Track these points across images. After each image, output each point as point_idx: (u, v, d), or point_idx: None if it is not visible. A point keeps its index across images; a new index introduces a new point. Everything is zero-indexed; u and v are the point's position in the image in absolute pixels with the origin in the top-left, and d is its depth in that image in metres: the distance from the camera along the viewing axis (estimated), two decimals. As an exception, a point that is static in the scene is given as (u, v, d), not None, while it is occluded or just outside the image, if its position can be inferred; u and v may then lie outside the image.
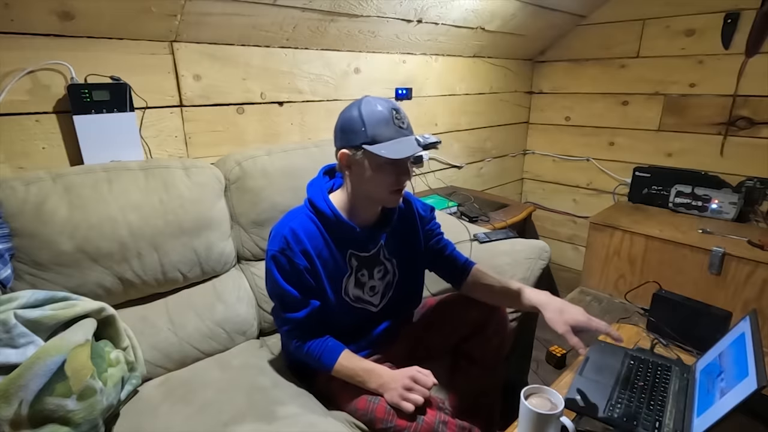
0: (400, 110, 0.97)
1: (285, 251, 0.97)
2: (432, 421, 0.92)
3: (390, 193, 0.99)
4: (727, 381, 0.81)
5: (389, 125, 0.93)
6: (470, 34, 2.13)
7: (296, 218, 1.01)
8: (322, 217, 1.01)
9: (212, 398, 1.04)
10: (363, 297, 1.11)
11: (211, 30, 1.39)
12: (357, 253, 1.07)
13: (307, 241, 0.99)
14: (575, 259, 2.81)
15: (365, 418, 0.97)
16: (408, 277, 1.17)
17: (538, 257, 1.40)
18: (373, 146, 0.92)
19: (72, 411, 0.81)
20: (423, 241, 1.17)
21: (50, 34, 1.15)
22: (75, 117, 1.19)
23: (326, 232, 1.02)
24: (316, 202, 1.02)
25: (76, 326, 0.92)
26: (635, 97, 2.44)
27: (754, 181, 2.08)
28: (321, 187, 1.05)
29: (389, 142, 0.92)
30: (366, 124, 0.93)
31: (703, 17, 2.13)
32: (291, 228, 0.98)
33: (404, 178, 0.98)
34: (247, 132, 1.59)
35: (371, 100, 0.96)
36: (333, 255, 1.03)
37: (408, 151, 0.91)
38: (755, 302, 1.78)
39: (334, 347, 1.02)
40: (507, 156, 2.85)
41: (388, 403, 0.94)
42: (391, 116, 0.94)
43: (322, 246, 1.01)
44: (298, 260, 0.97)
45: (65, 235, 1.04)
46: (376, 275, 1.11)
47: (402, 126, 0.95)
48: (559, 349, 1.68)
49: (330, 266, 1.03)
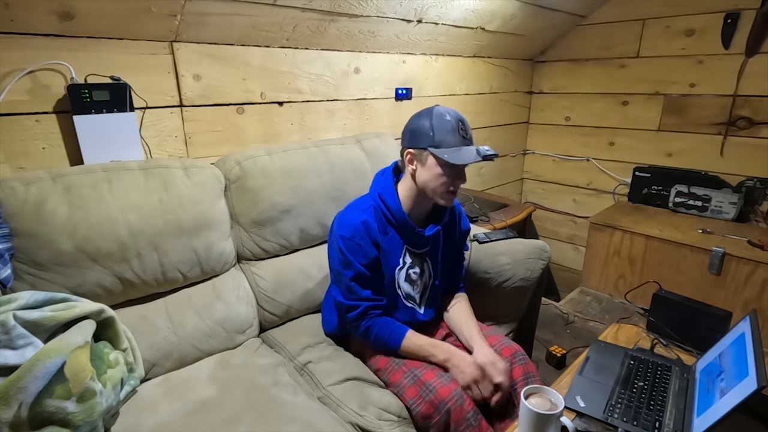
0: (466, 122, 1.10)
1: (355, 239, 1.09)
2: (459, 417, 0.98)
3: (445, 192, 1.10)
4: (727, 381, 0.81)
5: (455, 134, 1.06)
6: (470, 34, 2.13)
7: (365, 211, 1.13)
8: (390, 211, 1.13)
9: (211, 397, 1.04)
10: (412, 294, 1.21)
11: (211, 30, 1.39)
12: (411, 249, 1.18)
13: (376, 232, 1.12)
14: (575, 259, 2.81)
15: (394, 389, 1.08)
16: (439, 278, 1.25)
17: (538, 257, 1.40)
18: (437, 150, 1.05)
19: (72, 413, 0.81)
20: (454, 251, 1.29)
21: (50, 34, 1.15)
22: (75, 117, 1.19)
23: (389, 226, 1.14)
24: (386, 198, 1.14)
25: (76, 328, 0.92)
26: (635, 97, 2.44)
27: (754, 181, 2.08)
28: (390, 184, 1.16)
29: (453, 148, 1.05)
30: (435, 129, 1.06)
31: (703, 17, 2.13)
32: (363, 219, 1.11)
33: (459, 182, 1.11)
34: (247, 132, 1.59)
35: (442, 110, 1.08)
36: (392, 247, 1.15)
37: (468, 159, 1.05)
38: (755, 302, 1.78)
39: (399, 327, 1.13)
40: (507, 156, 2.85)
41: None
42: (457, 126, 1.07)
43: (385, 241, 1.14)
44: (369, 249, 1.10)
45: (65, 235, 1.04)
46: (418, 273, 1.21)
47: (465, 136, 1.08)
48: (559, 349, 1.68)
49: (388, 257, 1.15)
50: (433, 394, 1.01)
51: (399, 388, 1.08)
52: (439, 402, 1.00)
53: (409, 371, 1.08)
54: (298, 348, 1.26)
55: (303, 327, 1.37)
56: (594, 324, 1.92)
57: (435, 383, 1.03)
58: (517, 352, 1.14)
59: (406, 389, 1.06)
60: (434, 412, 1.00)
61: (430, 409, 1.01)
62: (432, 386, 1.03)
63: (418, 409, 1.02)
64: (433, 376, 1.05)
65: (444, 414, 0.99)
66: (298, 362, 1.21)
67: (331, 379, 1.13)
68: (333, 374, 1.14)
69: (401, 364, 1.11)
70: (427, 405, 1.01)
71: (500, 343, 1.17)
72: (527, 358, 1.15)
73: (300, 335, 1.32)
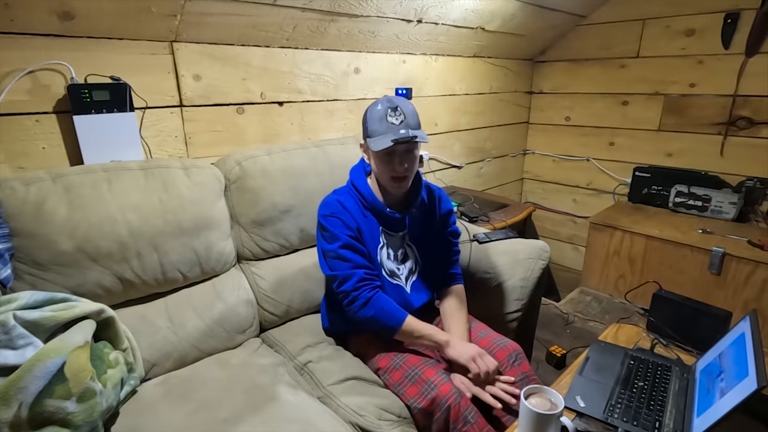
0: (399, 108, 1.10)
1: (336, 214, 1.15)
2: (457, 415, 0.99)
3: (390, 179, 1.14)
4: (727, 381, 0.81)
5: (382, 122, 1.09)
6: (470, 34, 2.13)
7: (342, 194, 1.20)
8: (362, 197, 1.19)
9: (211, 396, 1.04)
10: (396, 272, 1.24)
11: (211, 30, 1.39)
12: (387, 231, 1.23)
13: (355, 213, 1.17)
14: (575, 259, 2.81)
15: (395, 389, 1.09)
16: (427, 264, 1.28)
17: (538, 257, 1.40)
18: (370, 139, 1.11)
19: (72, 413, 0.81)
20: (438, 233, 1.30)
21: (50, 34, 1.15)
22: (75, 117, 1.19)
23: (364, 209, 1.20)
24: (357, 184, 1.20)
25: (76, 328, 0.91)
26: (635, 97, 2.44)
27: (754, 181, 2.08)
28: (360, 172, 1.22)
29: (380, 136, 1.09)
30: (368, 120, 1.13)
31: (703, 17, 2.13)
32: (339, 200, 1.17)
33: (399, 168, 1.11)
34: (247, 132, 1.59)
35: (379, 100, 1.13)
36: (370, 228, 1.20)
37: (385, 144, 1.07)
38: (755, 302, 1.78)
39: (400, 310, 1.13)
40: (507, 156, 2.85)
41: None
42: (385, 114, 1.09)
43: (362, 219, 1.19)
44: (350, 221, 1.15)
45: (65, 235, 1.04)
46: (400, 256, 1.24)
47: (394, 123, 1.09)
48: (559, 349, 1.68)
49: (367, 237, 1.19)
50: (435, 391, 1.02)
51: (400, 387, 1.08)
52: (440, 398, 1.01)
53: (410, 370, 1.09)
54: (299, 347, 1.26)
55: (303, 327, 1.37)
56: (594, 324, 1.92)
57: (436, 381, 1.04)
58: (512, 353, 1.14)
59: (407, 388, 1.06)
60: (435, 408, 1.01)
61: (432, 405, 1.01)
62: (433, 383, 1.03)
63: (420, 406, 1.03)
64: (433, 374, 1.06)
65: (444, 410, 1.00)
66: (299, 362, 1.22)
67: (331, 378, 1.13)
68: (333, 374, 1.14)
69: (402, 363, 1.11)
70: (429, 402, 1.02)
71: (497, 343, 1.17)
72: (524, 357, 1.15)
73: (300, 335, 1.32)
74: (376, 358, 1.16)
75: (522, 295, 1.36)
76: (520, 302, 1.36)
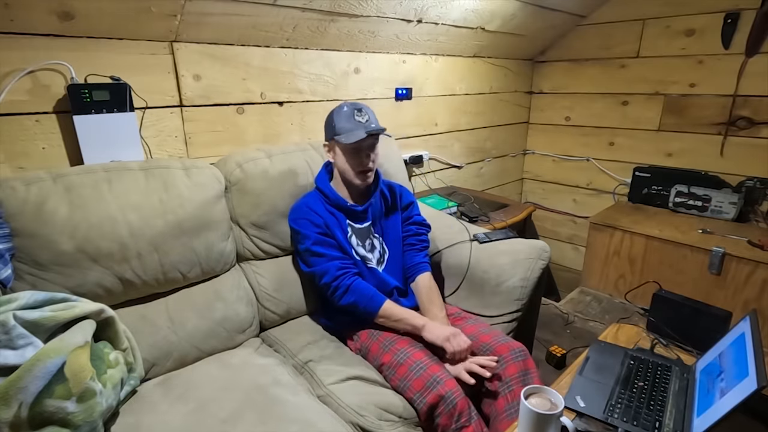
0: (364, 109, 1.27)
1: (303, 215, 1.27)
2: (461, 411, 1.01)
3: (356, 173, 1.27)
4: (727, 381, 0.81)
5: (350, 120, 1.24)
6: (470, 34, 2.13)
7: (308, 197, 1.33)
8: (326, 197, 1.31)
9: (211, 396, 1.04)
10: (368, 256, 1.33)
11: (211, 30, 1.39)
12: (352, 224, 1.33)
13: (320, 212, 1.28)
14: (575, 259, 2.81)
15: (399, 383, 1.10)
16: (394, 253, 1.39)
17: (538, 257, 1.40)
18: (338, 137, 1.24)
19: (72, 413, 0.81)
20: (401, 225, 1.42)
21: (50, 34, 1.15)
22: (75, 117, 1.19)
23: (330, 207, 1.31)
24: (321, 186, 1.33)
25: (76, 328, 0.91)
26: (635, 97, 2.44)
27: (754, 181, 2.08)
28: (324, 176, 1.36)
29: (348, 133, 1.23)
30: (335, 121, 1.26)
31: (703, 17, 2.13)
32: (305, 203, 1.30)
33: (366, 161, 1.26)
34: (247, 132, 1.59)
35: (343, 104, 1.27)
36: (337, 222, 1.30)
37: (359, 136, 1.21)
38: (755, 302, 1.78)
39: (379, 295, 1.23)
40: (507, 156, 2.85)
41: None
42: (352, 114, 1.24)
43: (329, 217, 1.29)
44: (317, 219, 1.26)
45: (65, 235, 1.04)
46: (368, 246, 1.34)
47: (361, 121, 1.24)
48: (559, 349, 1.68)
49: (336, 230, 1.29)
50: (441, 385, 1.03)
51: (405, 381, 1.09)
52: (445, 392, 1.02)
53: (414, 364, 1.09)
54: (299, 346, 1.26)
55: (304, 326, 1.38)
56: (594, 324, 1.92)
57: (441, 376, 1.05)
58: (514, 349, 1.14)
59: (413, 381, 1.07)
60: (440, 402, 1.02)
61: (437, 399, 1.02)
62: (439, 378, 1.05)
63: (425, 400, 1.03)
64: (439, 369, 1.08)
65: (449, 405, 1.01)
66: (299, 360, 1.22)
67: (331, 377, 1.13)
68: (334, 373, 1.14)
69: (406, 359, 1.11)
70: (434, 395, 1.02)
71: (498, 339, 1.18)
72: (527, 355, 1.15)
73: (301, 333, 1.32)
74: (379, 353, 1.17)
75: (522, 295, 1.36)
76: (520, 302, 1.36)
